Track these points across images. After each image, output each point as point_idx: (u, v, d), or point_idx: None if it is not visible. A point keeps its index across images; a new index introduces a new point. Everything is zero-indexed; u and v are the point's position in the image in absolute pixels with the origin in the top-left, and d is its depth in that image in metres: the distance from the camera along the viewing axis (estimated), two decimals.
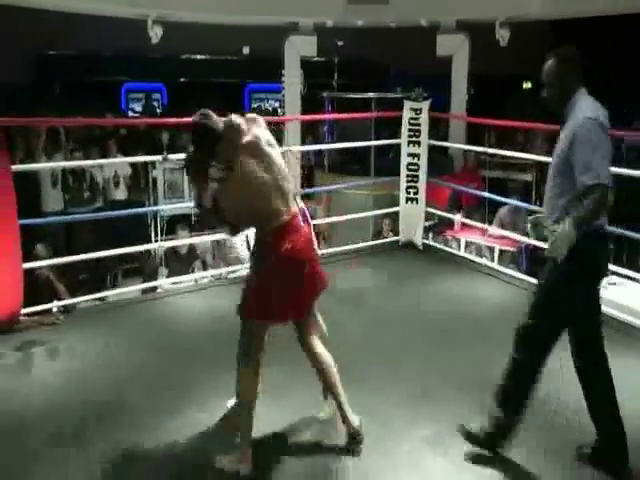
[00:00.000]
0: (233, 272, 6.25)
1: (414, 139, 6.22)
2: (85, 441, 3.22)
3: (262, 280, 2.99)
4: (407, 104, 6.22)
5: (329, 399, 3.31)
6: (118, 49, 12.99)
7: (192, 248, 7.18)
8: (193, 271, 6.85)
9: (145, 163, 8.43)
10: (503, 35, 8.96)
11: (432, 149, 6.43)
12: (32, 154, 8.19)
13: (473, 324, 4.66)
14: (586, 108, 2.83)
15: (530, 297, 3.23)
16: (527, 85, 15.53)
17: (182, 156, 4.65)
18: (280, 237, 2.96)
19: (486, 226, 6.79)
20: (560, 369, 3.40)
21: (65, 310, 5.26)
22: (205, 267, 7.16)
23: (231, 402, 3.42)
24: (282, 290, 2.97)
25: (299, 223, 3.08)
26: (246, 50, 11.75)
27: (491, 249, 7.18)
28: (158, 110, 14.99)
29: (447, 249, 6.70)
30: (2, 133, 4.29)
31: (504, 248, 7.10)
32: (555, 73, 2.91)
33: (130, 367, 4.03)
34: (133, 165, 8.73)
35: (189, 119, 3.07)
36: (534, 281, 5.29)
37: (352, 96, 10.02)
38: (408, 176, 6.31)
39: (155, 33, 8.55)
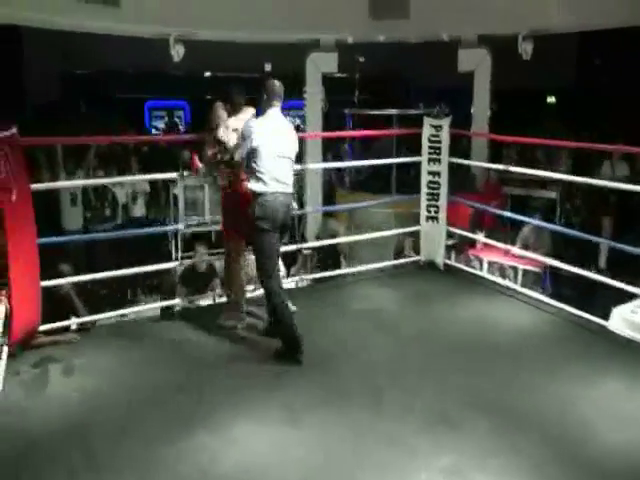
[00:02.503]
0: (252, 290, 6.19)
1: (434, 157, 6.12)
2: (97, 460, 3.21)
3: None
4: (427, 121, 6.12)
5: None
6: (142, 67, 13.14)
7: (211, 266, 7.15)
8: (212, 290, 6.82)
9: (165, 180, 8.46)
10: (526, 49, 8.83)
11: (453, 165, 6.33)
12: (55, 171, 8.30)
13: (495, 348, 4.55)
14: None
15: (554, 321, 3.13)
16: (551, 100, 15.33)
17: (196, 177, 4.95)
18: None
19: (509, 246, 6.64)
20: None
21: (82, 328, 5.24)
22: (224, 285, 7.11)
23: None
24: None
25: None
26: (268, 67, 11.79)
27: (514, 269, 7.04)
28: (181, 127, 15.11)
29: (469, 269, 6.56)
30: (23, 152, 4.30)
31: (527, 268, 6.95)
32: None
33: (145, 386, 4.00)
34: (153, 182, 8.77)
35: None
36: (559, 304, 5.18)
37: (373, 112, 9.98)
38: (429, 194, 6.21)
39: (177, 52, 8.60)
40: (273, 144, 4.35)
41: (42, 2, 7.32)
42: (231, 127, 4.60)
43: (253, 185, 4.34)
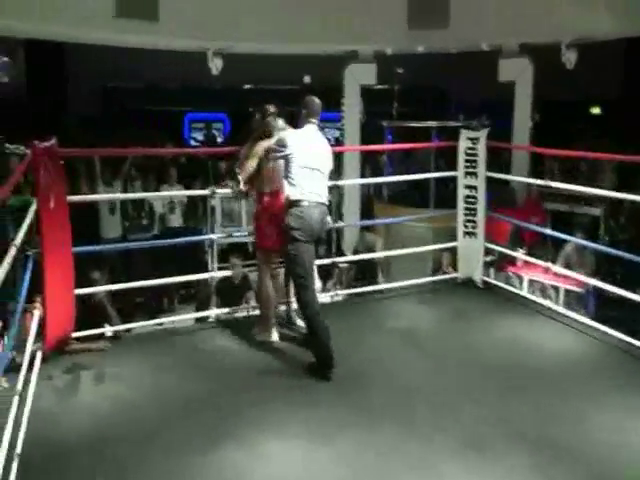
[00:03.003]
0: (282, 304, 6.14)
1: (471, 170, 5.96)
2: (124, 470, 3.22)
3: None
4: (464, 133, 5.95)
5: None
6: (181, 81, 13.32)
7: (245, 278, 7.13)
8: (246, 302, 6.80)
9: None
10: (570, 58, 8.58)
11: (492, 178, 6.17)
12: (94, 182, 8.42)
13: (533, 372, 4.35)
14: None
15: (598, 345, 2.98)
16: (596, 111, 14.94)
17: (228, 191, 4.91)
18: None
19: (550, 265, 6.44)
20: None
21: (114, 337, 5.27)
22: None
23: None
24: None
25: None
26: (307, 79, 11.80)
27: (556, 288, 6.80)
28: (219, 139, 15.24)
29: (508, 288, 6.33)
30: (62, 162, 4.38)
31: (570, 288, 6.71)
32: None
33: (175, 397, 3.98)
34: None
35: None
36: (602, 328, 4.95)
37: (412, 124, 9.86)
38: (466, 209, 6.04)
39: (215, 65, 8.68)
40: (307, 157, 4.36)
41: (82, 18, 7.47)
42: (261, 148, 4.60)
43: (289, 192, 4.35)
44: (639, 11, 7.56)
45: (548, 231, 6.37)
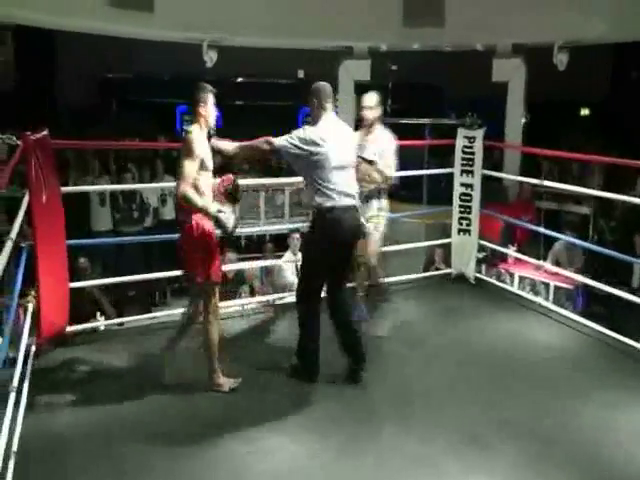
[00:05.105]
0: (280, 298, 6.17)
1: (467, 168, 6.03)
2: (124, 463, 3.22)
3: None
4: (461, 132, 6.04)
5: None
6: (174, 73, 13.22)
7: (240, 272, 7.13)
8: (240, 296, 6.80)
9: None
10: (561, 59, 8.66)
11: (484, 176, 6.21)
12: (85, 173, 8.38)
13: (525, 367, 4.44)
14: None
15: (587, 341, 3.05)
16: (585, 112, 15.05)
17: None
18: None
19: (541, 262, 6.49)
20: None
21: (110, 329, 5.27)
22: (252, 292, 7.09)
23: None
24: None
25: None
26: (301, 73, 11.77)
27: (546, 285, 6.89)
28: (212, 132, 15.14)
29: (500, 284, 6.45)
30: (54, 154, 4.34)
31: (559, 285, 6.80)
32: None
33: (172, 390, 3.97)
34: None
35: None
36: (590, 324, 5.04)
37: (405, 121, 9.88)
38: (461, 207, 6.11)
39: (210, 57, 8.64)
40: (336, 153, 3.86)
41: (75, 7, 7.38)
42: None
43: (319, 200, 3.85)
44: (631, 17, 7.66)
45: (539, 229, 6.47)
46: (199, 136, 3.76)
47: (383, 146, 4.76)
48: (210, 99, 3.85)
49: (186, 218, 3.75)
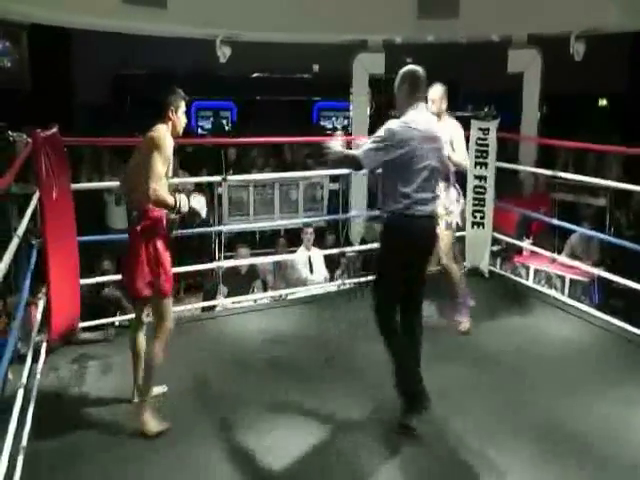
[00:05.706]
0: (293, 293, 6.17)
1: (481, 160, 5.96)
2: (133, 459, 3.24)
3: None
4: (475, 123, 5.98)
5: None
6: (189, 69, 13.26)
7: (252, 267, 7.13)
8: (253, 291, 6.81)
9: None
10: (578, 49, 8.52)
11: (500, 168, 6.15)
12: (101, 171, 8.42)
13: (541, 362, 4.38)
14: None
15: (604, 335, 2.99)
16: (603, 103, 14.85)
17: (242, 177, 4.63)
18: None
19: (556, 255, 6.40)
20: None
21: (122, 325, 5.27)
22: (265, 287, 7.09)
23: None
24: None
25: None
26: (315, 68, 11.76)
27: (562, 278, 6.80)
28: (227, 128, 15.20)
29: (515, 277, 6.38)
30: (65, 152, 4.35)
31: (575, 277, 6.71)
32: None
33: (182, 385, 3.99)
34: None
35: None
36: (607, 318, 4.96)
37: None
38: (474, 199, 6.04)
39: (223, 53, 8.62)
40: (422, 152, 3.42)
41: (89, 4, 7.41)
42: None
43: (391, 207, 3.45)
44: None
45: (554, 221, 6.38)
46: (167, 137, 3.53)
47: (451, 132, 4.80)
48: (181, 106, 3.63)
49: (145, 221, 3.49)
